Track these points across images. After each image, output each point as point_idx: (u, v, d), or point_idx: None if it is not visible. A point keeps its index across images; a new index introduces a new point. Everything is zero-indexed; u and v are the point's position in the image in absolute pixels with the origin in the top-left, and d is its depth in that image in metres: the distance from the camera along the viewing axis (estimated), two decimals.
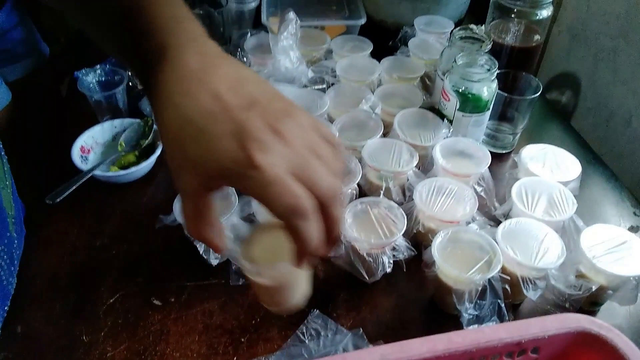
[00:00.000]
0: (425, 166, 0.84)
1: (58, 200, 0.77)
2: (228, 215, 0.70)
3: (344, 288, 0.72)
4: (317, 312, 0.67)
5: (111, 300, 0.69)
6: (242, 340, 0.65)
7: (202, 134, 0.35)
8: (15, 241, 0.69)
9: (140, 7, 0.42)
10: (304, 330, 0.65)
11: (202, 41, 0.41)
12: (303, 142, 0.37)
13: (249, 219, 0.72)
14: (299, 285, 0.52)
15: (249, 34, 1.07)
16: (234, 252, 0.50)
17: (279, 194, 0.35)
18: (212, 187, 0.38)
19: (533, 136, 0.98)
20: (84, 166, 0.83)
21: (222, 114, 0.35)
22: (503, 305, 0.65)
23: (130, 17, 0.42)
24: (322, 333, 0.65)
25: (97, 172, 0.82)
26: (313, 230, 0.36)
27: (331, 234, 0.39)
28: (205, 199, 0.38)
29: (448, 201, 0.75)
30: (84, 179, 0.79)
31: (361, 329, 0.65)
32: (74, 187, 0.78)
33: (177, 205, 0.71)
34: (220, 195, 0.73)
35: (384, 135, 0.86)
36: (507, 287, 0.65)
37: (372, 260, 0.69)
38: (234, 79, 0.38)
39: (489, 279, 0.64)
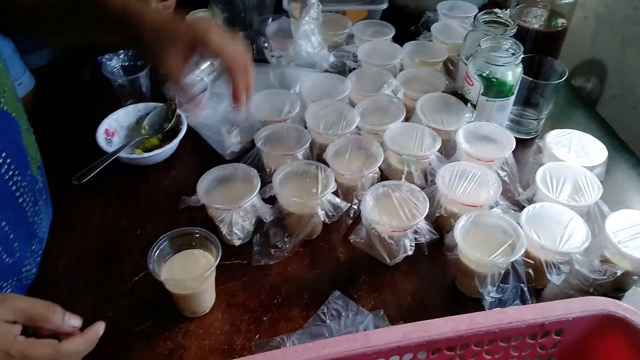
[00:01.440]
0: (448, 151, 0.83)
1: (84, 181, 0.78)
2: (251, 197, 0.70)
3: (365, 270, 0.72)
4: (338, 293, 0.67)
5: (136, 279, 0.70)
6: (264, 319, 0.66)
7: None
8: (40, 184, 0.71)
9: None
10: (325, 311, 0.66)
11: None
12: None
13: (271, 200, 0.73)
14: (207, 295, 0.66)
15: (270, 19, 1.07)
16: (156, 268, 0.62)
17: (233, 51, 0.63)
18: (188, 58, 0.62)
19: (558, 122, 0.97)
20: (108, 148, 0.84)
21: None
22: (526, 289, 0.65)
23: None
24: (343, 314, 0.65)
25: (122, 155, 0.83)
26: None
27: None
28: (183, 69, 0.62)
29: (471, 185, 0.74)
30: (109, 160, 0.80)
31: (382, 311, 0.65)
32: (100, 169, 0.79)
33: (200, 186, 0.71)
34: (242, 178, 0.74)
35: (406, 119, 0.86)
36: (530, 271, 0.65)
37: (393, 243, 0.69)
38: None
39: (512, 263, 0.64)
